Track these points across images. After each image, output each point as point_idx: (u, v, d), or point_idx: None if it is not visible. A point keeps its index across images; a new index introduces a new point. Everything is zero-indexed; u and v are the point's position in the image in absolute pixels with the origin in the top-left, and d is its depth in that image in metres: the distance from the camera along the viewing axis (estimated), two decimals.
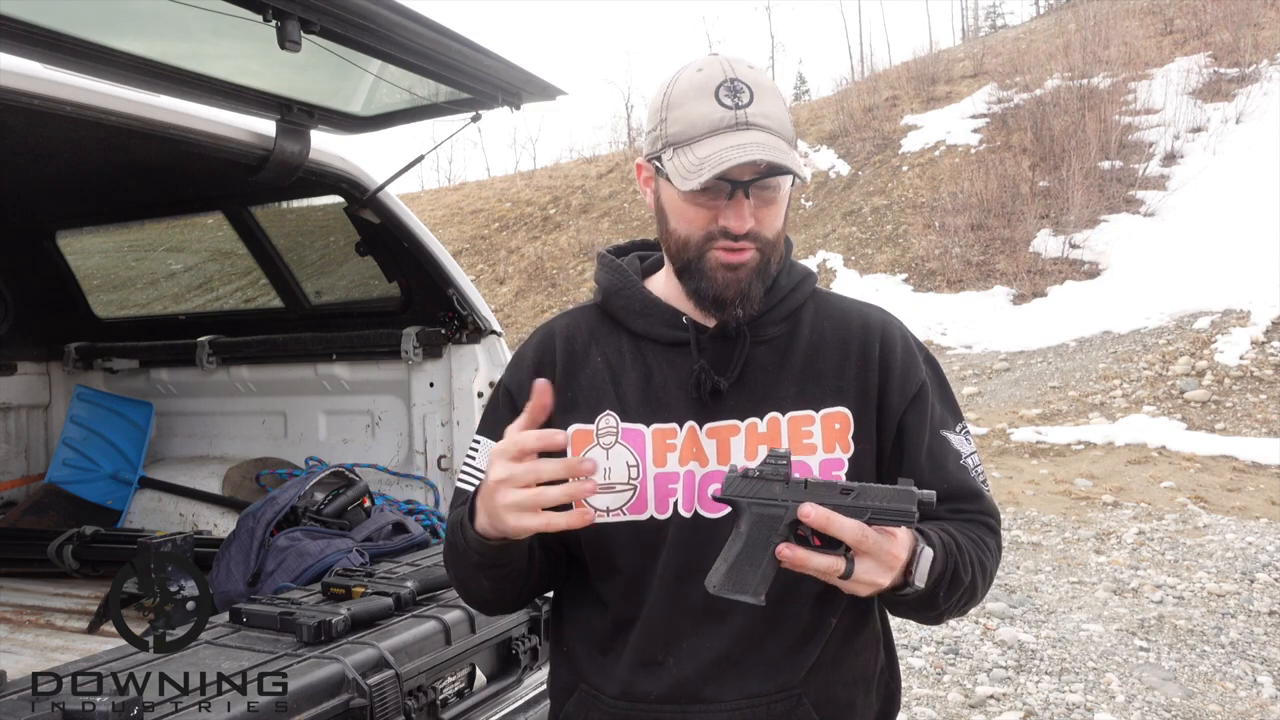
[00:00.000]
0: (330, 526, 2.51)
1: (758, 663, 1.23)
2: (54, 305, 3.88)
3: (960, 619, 4.88)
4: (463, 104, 2.52)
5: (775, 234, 1.23)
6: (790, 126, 1.21)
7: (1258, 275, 11.33)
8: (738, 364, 1.25)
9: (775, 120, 1.18)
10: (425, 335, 3.02)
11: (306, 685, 1.56)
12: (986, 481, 1.32)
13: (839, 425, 1.25)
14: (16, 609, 2.74)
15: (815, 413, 1.25)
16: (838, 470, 1.23)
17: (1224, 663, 4.32)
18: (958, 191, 16.45)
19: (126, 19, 2.04)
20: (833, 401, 1.26)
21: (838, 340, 1.30)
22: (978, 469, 1.31)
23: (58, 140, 2.64)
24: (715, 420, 1.25)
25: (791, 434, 1.24)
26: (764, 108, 1.18)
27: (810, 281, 1.34)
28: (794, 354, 1.28)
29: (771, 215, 1.21)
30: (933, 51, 24.49)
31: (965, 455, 1.29)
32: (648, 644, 1.24)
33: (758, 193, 1.18)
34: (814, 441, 1.24)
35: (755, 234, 1.20)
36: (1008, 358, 11.92)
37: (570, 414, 1.27)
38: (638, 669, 1.24)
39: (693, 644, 1.23)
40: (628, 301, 1.32)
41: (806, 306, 1.33)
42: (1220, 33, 18.06)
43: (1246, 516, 6.82)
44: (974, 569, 1.20)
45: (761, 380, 1.26)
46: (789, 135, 1.20)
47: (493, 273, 20.14)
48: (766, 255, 1.22)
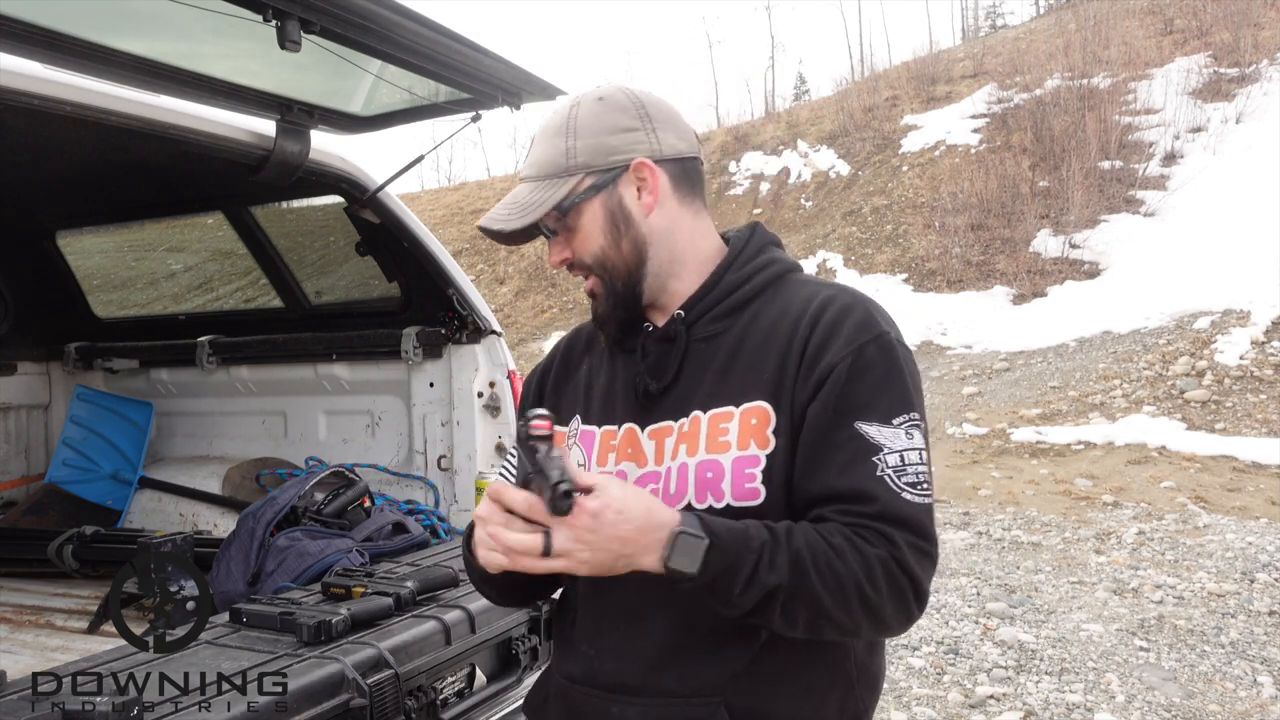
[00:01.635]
0: (330, 526, 2.51)
1: (674, 665, 1.22)
2: (54, 305, 3.88)
3: (959, 621, 4.88)
4: (463, 104, 2.53)
5: (592, 257, 1.30)
6: (556, 159, 1.29)
7: (1258, 275, 11.33)
8: (674, 365, 1.28)
9: (535, 164, 1.31)
10: (425, 335, 3.02)
11: (306, 685, 1.56)
12: (918, 483, 1.14)
13: (756, 420, 1.20)
14: (16, 609, 2.74)
15: (735, 409, 1.22)
16: (752, 468, 1.19)
17: (1224, 663, 4.32)
18: (958, 191, 16.45)
19: (126, 19, 2.04)
20: (754, 396, 1.21)
21: (774, 329, 1.25)
22: (901, 470, 1.14)
23: (58, 140, 2.64)
24: (654, 422, 1.28)
25: (710, 432, 1.22)
26: (532, 156, 1.32)
27: (771, 272, 1.31)
28: (724, 351, 1.27)
29: (580, 241, 1.30)
30: (933, 51, 24.49)
31: (883, 451, 1.14)
32: (579, 634, 1.32)
33: (556, 226, 1.30)
34: (729, 439, 1.21)
35: (579, 262, 1.31)
36: (1008, 358, 11.92)
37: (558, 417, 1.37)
38: (572, 656, 1.33)
39: (613, 640, 1.27)
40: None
41: (762, 298, 1.29)
42: (1220, 33, 18.06)
43: (1246, 516, 6.82)
44: (812, 577, 1.09)
45: (693, 380, 1.27)
46: (550, 171, 1.29)
47: (493, 273, 20.14)
48: (607, 278, 1.30)
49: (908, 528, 1.13)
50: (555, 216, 1.28)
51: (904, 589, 1.12)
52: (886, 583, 1.11)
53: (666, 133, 1.31)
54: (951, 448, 9.04)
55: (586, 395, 1.38)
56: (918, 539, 1.13)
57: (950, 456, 8.81)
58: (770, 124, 22.98)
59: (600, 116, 1.29)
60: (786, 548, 1.10)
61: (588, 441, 1.33)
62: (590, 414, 1.35)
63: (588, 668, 1.29)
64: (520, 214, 1.28)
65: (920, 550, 1.13)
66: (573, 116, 1.29)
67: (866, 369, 1.18)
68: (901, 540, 1.12)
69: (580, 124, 1.29)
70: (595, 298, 1.32)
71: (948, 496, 7.72)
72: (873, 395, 1.17)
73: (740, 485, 1.19)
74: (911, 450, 1.15)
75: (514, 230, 1.29)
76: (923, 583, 1.13)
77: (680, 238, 1.32)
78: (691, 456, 1.22)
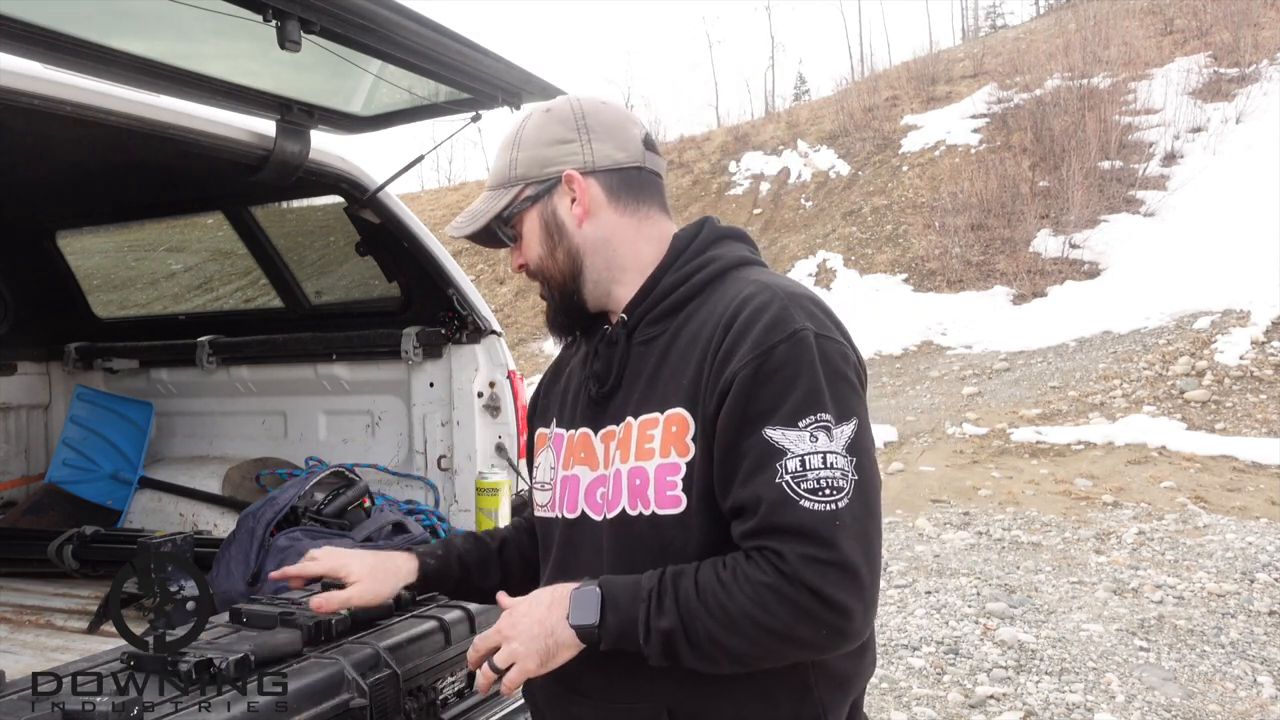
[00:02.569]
0: (330, 526, 2.51)
1: (620, 669, 1.22)
2: (54, 305, 3.88)
3: (959, 621, 4.88)
4: (463, 104, 2.52)
5: (534, 264, 1.36)
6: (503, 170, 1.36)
7: (1258, 275, 11.33)
8: (616, 369, 1.31)
9: (491, 174, 1.39)
10: (425, 335, 3.02)
11: (306, 685, 1.56)
12: (819, 489, 1.07)
13: (676, 428, 1.19)
14: (16, 609, 2.74)
15: (660, 415, 1.22)
16: (673, 475, 1.19)
17: (1224, 663, 4.32)
18: (958, 191, 16.45)
19: (126, 19, 2.04)
20: (675, 403, 1.20)
21: (698, 334, 1.22)
22: (801, 475, 1.08)
23: (58, 140, 2.63)
24: (604, 425, 1.31)
25: (639, 438, 1.23)
26: (491, 166, 1.40)
27: (710, 271, 1.28)
28: (655, 355, 1.27)
29: (525, 249, 1.37)
30: (933, 51, 24.48)
31: (786, 456, 1.09)
32: None
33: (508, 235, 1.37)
34: (654, 446, 1.21)
35: (531, 270, 1.37)
36: (1008, 358, 11.92)
37: (540, 420, 1.49)
38: None
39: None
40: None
41: (700, 297, 1.27)
42: (1220, 33, 18.06)
43: (1246, 516, 6.82)
44: (702, 617, 1.09)
45: (632, 383, 1.29)
46: (498, 181, 1.36)
47: (493, 273, 20.15)
48: (553, 284, 1.36)
49: (801, 537, 1.06)
50: (500, 225, 1.35)
51: (805, 606, 1.06)
52: (782, 606, 1.06)
53: (603, 143, 1.32)
54: (951, 448, 9.04)
55: (562, 398, 1.43)
56: (814, 548, 1.06)
57: (950, 456, 8.81)
58: (770, 124, 22.99)
59: (542, 129, 1.34)
60: (672, 592, 1.12)
61: (557, 444, 1.39)
62: (562, 417, 1.41)
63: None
64: (470, 221, 1.37)
65: (818, 561, 1.05)
66: (521, 129, 1.36)
67: (774, 372, 1.12)
68: (791, 554, 1.06)
69: (525, 136, 1.35)
70: (547, 302, 1.39)
71: (948, 496, 7.72)
72: (778, 398, 1.11)
73: (662, 493, 1.19)
74: (815, 454, 1.08)
75: (472, 234, 1.37)
76: (827, 592, 1.05)
77: (620, 246, 1.33)
78: (624, 463, 1.24)
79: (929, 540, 6.50)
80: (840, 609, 1.06)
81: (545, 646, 1.17)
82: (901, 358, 13.04)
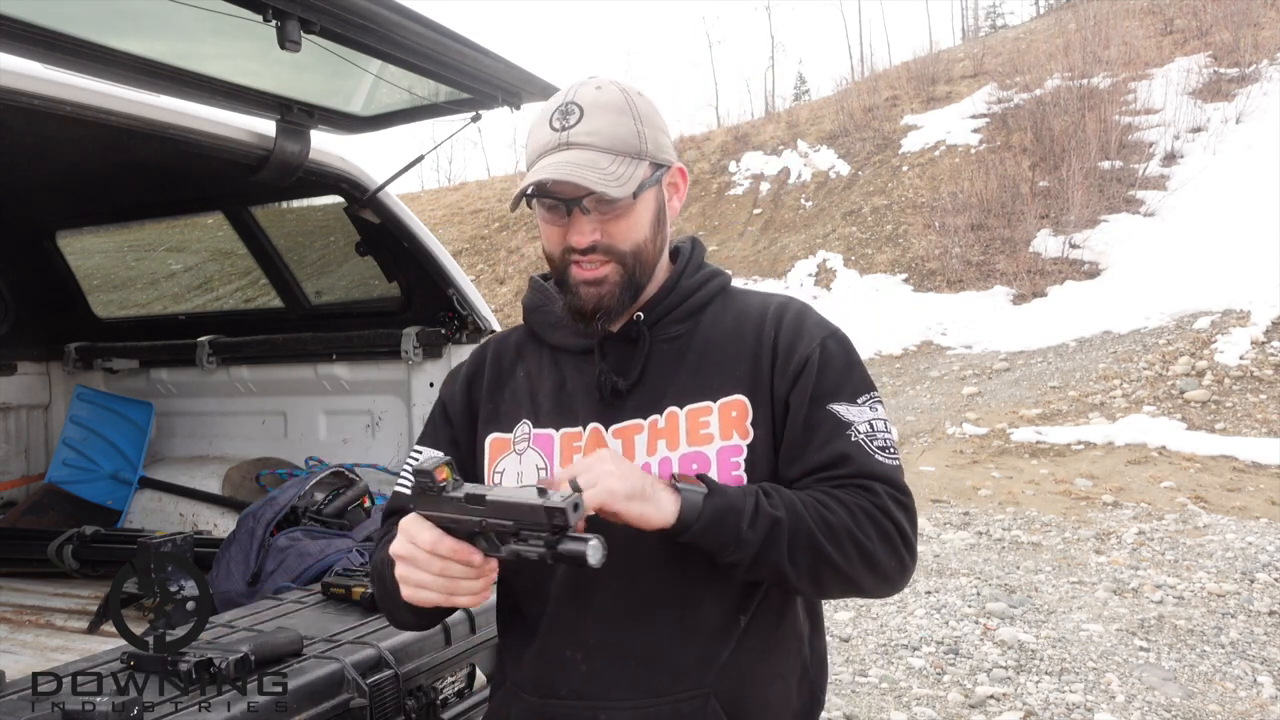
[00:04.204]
0: (330, 526, 2.51)
1: (665, 662, 1.24)
2: (54, 305, 3.88)
3: (959, 621, 4.89)
4: (463, 104, 2.52)
5: (633, 245, 1.27)
6: (630, 138, 1.24)
7: (1258, 275, 11.33)
8: (638, 365, 1.30)
9: (603, 136, 1.23)
10: (425, 335, 3.02)
11: (306, 685, 1.56)
12: (887, 447, 1.25)
13: (736, 413, 1.26)
14: (16, 609, 2.74)
15: (713, 403, 1.27)
16: (736, 456, 1.24)
17: (1224, 663, 4.32)
18: (958, 191, 16.45)
19: (126, 19, 2.04)
20: (730, 390, 1.28)
21: (737, 331, 1.32)
22: (872, 436, 1.24)
23: (58, 140, 2.63)
24: (621, 421, 1.29)
25: (689, 426, 1.27)
26: (592, 125, 1.23)
27: (719, 281, 1.39)
28: (691, 350, 1.32)
29: (621, 228, 1.25)
30: (933, 51, 24.49)
31: (854, 425, 1.24)
32: (556, 640, 1.29)
33: (599, 207, 1.23)
34: (711, 431, 1.26)
35: (606, 247, 1.25)
36: (1008, 358, 11.92)
37: (492, 425, 1.37)
38: (549, 664, 1.28)
39: (600, 642, 1.26)
40: (544, 316, 1.40)
41: (714, 304, 1.36)
42: (1220, 33, 18.06)
43: (1246, 516, 6.82)
44: (808, 519, 1.16)
45: (662, 378, 1.30)
46: (623, 148, 1.24)
47: (493, 273, 20.15)
48: (628, 268, 1.27)
49: (886, 481, 1.22)
50: (651, 191, 1.27)
51: (890, 534, 1.19)
52: (874, 528, 1.18)
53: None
54: (951, 448, 9.04)
55: (533, 399, 1.35)
56: (896, 491, 1.22)
57: (950, 456, 8.81)
58: (770, 124, 22.99)
59: (652, 112, 1.30)
60: (778, 494, 1.18)
61: (545, 444, 1.32)
62: (542, 417, 1.34)
63: (572, 675, 1.26)
64: (617, 183, 1.20)
65: (899, 501, 1.22)
66: (631, 102, 1.27)
67: (830, 360, 1.29)
68: (881, 490, 1.21)
69: (641, 111, 1.28)
70: (601, 285, 1.26)
71: (948, 496, 7.72)
72: (839, 381, 1.27)
73: (726, 474, 1.24)
74: (878, 420, 1.27)
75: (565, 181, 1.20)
76: (907, 529, 1.21)
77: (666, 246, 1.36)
78: (674, 450, 1.25)
79: (929, 540, 6.50)
80: (911, 547, 1.22)
81: (641, 486, 1.11)
82: (901, 358, 13.04)
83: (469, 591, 1.12)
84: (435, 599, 1.12)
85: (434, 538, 1.10)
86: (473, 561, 1.09)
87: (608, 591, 1.24)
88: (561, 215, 1.25)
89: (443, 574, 1.10)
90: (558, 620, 1.28)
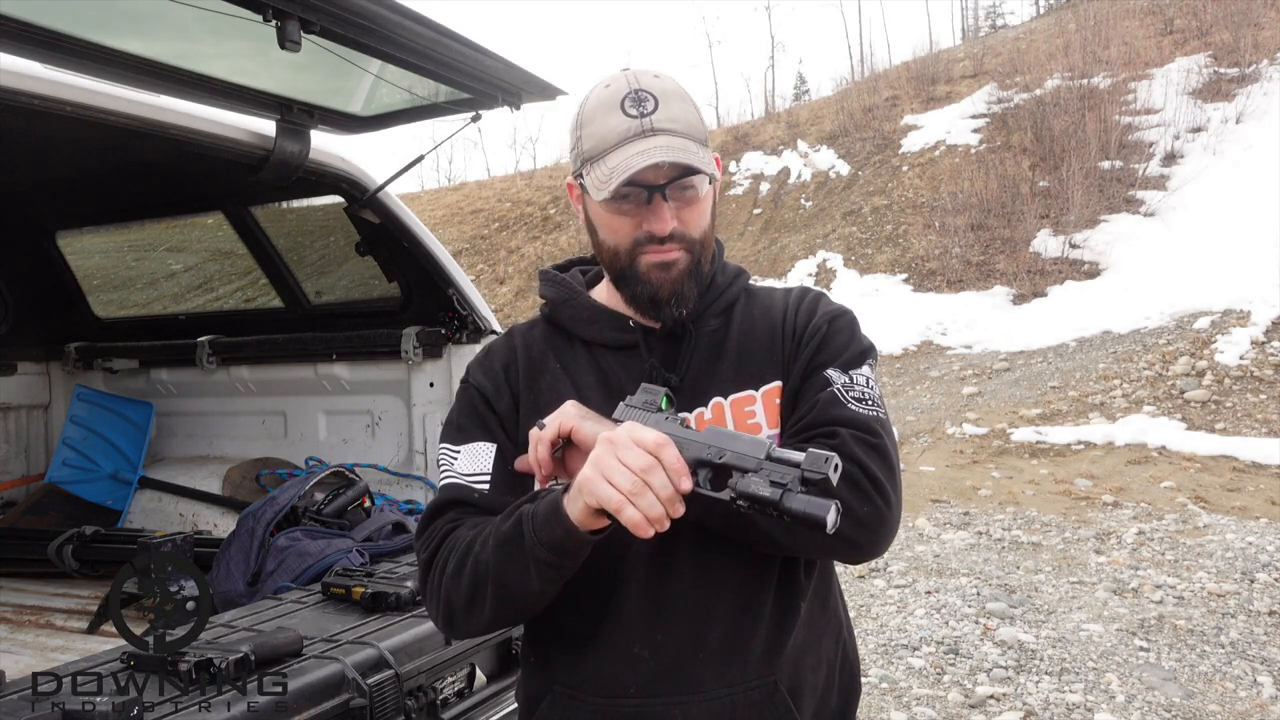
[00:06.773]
0: (330, 526, 2.51)
1: (735, 652, 1.24)
2: (54, 305, 3.88)
3: (959, 621, 4.89)
4: (463, 104, 2.53)
5: (702, 233, 1.28)
6: (701, 127, 1.26)
7: (1258, 275, 11.33)
8: (686, 359, 1.32)
9: (683, 123, 1.23)
10: (425, 335, 3.02)
11: (306, 685, 1.56)
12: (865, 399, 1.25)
13: (780, 400, 1.30)
14: (16, 609, 2.74)
15: (756, 392, 1.30)
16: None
17: (1224, 663, 4.32)
18: (958, 191, 16.45)
19: (126, 19, 2.04)
20: (771, 377, 1.31)
21: (766, 323, 1.36)
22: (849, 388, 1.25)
23: (58, 140, 2.63)
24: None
25: (735, 415, 1.29)
26: (670, 112, 1.23)
27: (743, 279, 1.42)
28: (729, 343, 1.34)
29: (694, 215, 1.26)
30: (933, 51, 24.48)
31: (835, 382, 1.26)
32: (624, 638, 1.25)
33: (676, 194, 1.23)
34: (758, 420, 1.29)
35: (680, 235, 1.25)
36: (1008, 358, 11.91)
37: (534, 415, 1.28)
38: (616, 663, 1.25)
39: (670, 636, 1.24)
40: (576, 311, 1.38)
41: (739, 301, 1.39)
42: (1220, 33, 18.05)
43: (1246, 516, 6.81)
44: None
45: (703, 371, 1.32)
46: (699, 135, 1.25)
47: (493, 273, 20.14)
48: (696, 255, 1.28)
49: (851, 425, 1.21)
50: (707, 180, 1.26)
51: (855, 478, 1.16)
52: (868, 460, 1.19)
53: None
54: (951, 448, 9.04)
55: (579, 393, 1.31)
56: (862, 433, 1.20)
57: (950, 456, 8.81)
58: (770, 124, 22.98)
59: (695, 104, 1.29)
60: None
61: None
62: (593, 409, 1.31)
63: (642, 672, 1.24)
64: (692, 157, 1.20)
65: (866, 443, 1.19)
66: (684, 92, 1.27)
67: (837, 333, 1.32)
68: (846, 434, 1.20)
69: (696, 101, 1.29)
70: (671, 269, 1.25)
71: (948, 496, 7.72)
72: (840, 350, 1.31)
73: None
74: (860, 375, 1.28)
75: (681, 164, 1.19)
76: (874, 470, 1.18)
77: None
78: None
79: (929, 540, 6.50)
80: (880, 487, 1.18)
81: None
82: (901, 358, 13.04)
83: (649, 507, 1.01)
84: (611, 497, 1.02)
85: (660, 438, 1.04)
86: (681, 486, 1.03)
87: (689, 579, 1.24)
88: (637, 204, 1.23)
89: (645, 473, 1.02)
90: (623, 618, 1.25)
